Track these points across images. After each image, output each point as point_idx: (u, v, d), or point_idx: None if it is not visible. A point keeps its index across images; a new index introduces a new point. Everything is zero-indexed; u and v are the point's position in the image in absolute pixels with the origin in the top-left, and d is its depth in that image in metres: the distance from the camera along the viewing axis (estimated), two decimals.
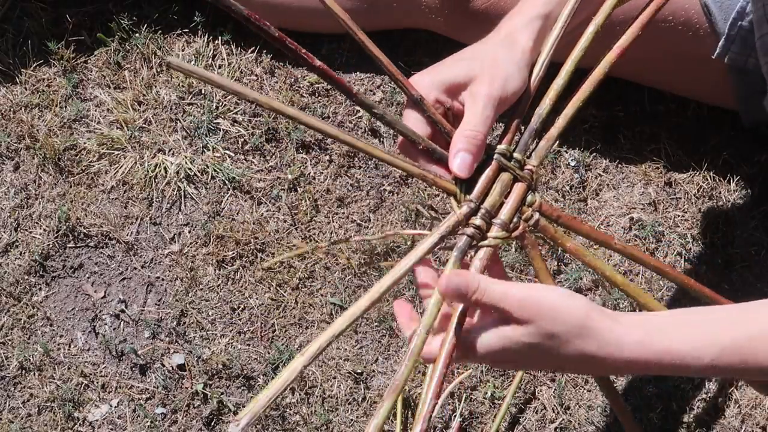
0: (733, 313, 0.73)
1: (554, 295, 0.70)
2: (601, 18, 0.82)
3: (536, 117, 0.80)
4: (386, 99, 1.30)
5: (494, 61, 0.77)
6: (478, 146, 0.75)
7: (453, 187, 0.77)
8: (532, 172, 0.79)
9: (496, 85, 0.76)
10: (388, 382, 1.21)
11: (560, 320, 0.68)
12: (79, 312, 1.23)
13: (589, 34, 0.82)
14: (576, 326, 0.69)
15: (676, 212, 1.28)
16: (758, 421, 1.22)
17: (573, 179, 1.28)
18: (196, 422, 1.19)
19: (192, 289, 1.23)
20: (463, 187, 0.77)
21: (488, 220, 0.76)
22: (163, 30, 1.31)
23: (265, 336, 1.22)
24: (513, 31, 0.80)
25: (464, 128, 0.76)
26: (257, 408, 0.69)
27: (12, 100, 1.28)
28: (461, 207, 0.76)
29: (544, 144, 0.81)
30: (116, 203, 1.26)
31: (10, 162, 1.27)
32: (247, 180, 1.26)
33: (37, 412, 1.19)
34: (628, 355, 0.69)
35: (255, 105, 1.28)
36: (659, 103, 1.32)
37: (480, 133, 0.75)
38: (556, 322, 0.68)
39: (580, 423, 1.21)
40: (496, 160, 0.78)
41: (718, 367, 0.70)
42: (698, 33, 1.16)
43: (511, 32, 0.80)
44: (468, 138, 0.75)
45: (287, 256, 1.23)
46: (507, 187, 0.78)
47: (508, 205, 0.77)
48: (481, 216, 0.76)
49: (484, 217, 0.76)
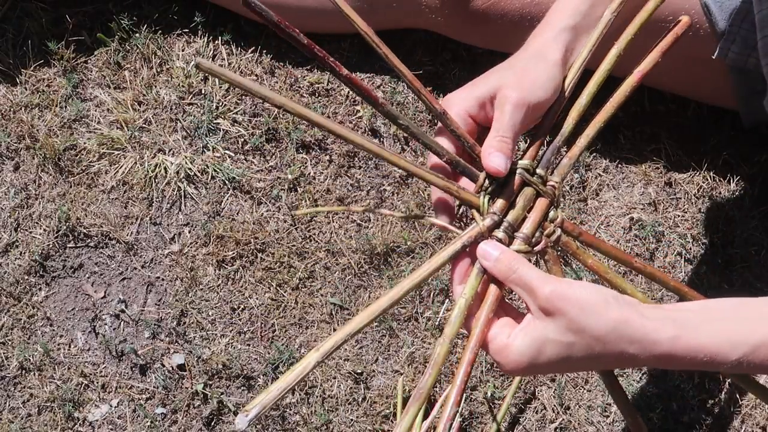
0: (764, 309, 0.73)
1: (582, 289, 0.70)
2: (623, 43, 0.84)
3: (559, 135, 0.81)
4: (386, 99, 1.30)
5: (524, 70, 0.78)
6: (509, 149, 0.76)
7: (476, 200, 0.78)
8: (554, 188, 0.80)
9: (524, 92, 0.76)
10: (388, 382, 1.21)
11: (589, 312, 0.69)
12: (79, 312, 1.23)
13: (612, 57, 0.84)
14: (607, 320, 0.69)
15: (676, 212, 1.28)
16: (758, 421, 1.22)
17: (573, 179, 1.28)
18: (196, 422, 1.19)
19: (192, 289, 1.23)
20: (487, 200, 0.78)
21: (511, 234, 0.77)
22: (163, 30, 1.31)
23: (265, 336, 1.22)
24: (542, 45, 0.81)
25: (493, 135, 0.77)
26: (268, 400, 0.69)
27: (12, 100, 1.28)
28: (484, 219, 0.77)
29: (566, 162, 0.82)
30: (116, 203, 1.26)
31: (10, 162, 1.27)
32: (247, 180, 1.26)
33: (37, 412, 1.19)
34: (660, 352, 0.69)
35: (255, 105, 1.29)
36: (659, 103, 1.32)
37: (509, 138, 0.76)
38: (585, 315, 0.69)
39: (580, 423, 1.21)
40: (519, 174, 0.79)
41: (746, 363, 0.70)
42: (698, 33, 1.16)
43: (541, 47, 0.81)
44: (498, 142, 0.76)
45: (317, 210, 1.23)
46: (530, 202, 0.79)
47: (531, 219, 0.78)
48: (504, 229, 0.77)
49: (506, 231, 0.77)
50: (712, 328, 0.70)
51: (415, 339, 1.22)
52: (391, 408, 1.20)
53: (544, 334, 0.69)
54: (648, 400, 1.22)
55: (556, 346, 0.69)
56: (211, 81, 1.29)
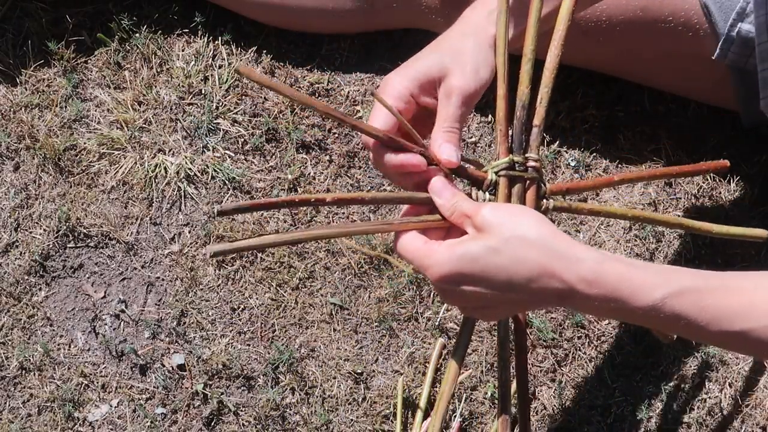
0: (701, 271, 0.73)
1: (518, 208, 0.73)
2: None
3: (520, 110, 0.81)
4: None
5: (464, 56, 0.79)
6: (457, 138, 0.78)
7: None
8: (536, 169, 0.80)
9: (468, 81, 0.78)
10: (388, 382, 1.21)
11: (522, 224, 0.70)
12: (79, 312, 1.23)
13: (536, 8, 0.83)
14: (539, 231, 0.70)
15: (676, 212, 1.28)
16: (758, 421, 1.22)
17: (573, 179, 1.28)
18: (196, 422, 1.19)
19: (192, 289, 1.23)
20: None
21: None
22: (163, 30, 1.31)
23: (265, 336, 1.22)
24: (476, 26, 0.82)
25: (441, 126, 0.78)
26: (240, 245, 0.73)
27: (12, 100, 1.28)
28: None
29: (536, 131, 0.82)
30: (116, 203, 1.26)
31: (10, 162, 1.27)
32: (247, 180, 1.26)
33: (37, 412, 1.19)
34: (585, 272, 0.69)
35: (255, 105, 1.29)
36: (659, 103, 1.32)
37: (456, 128, 0.78)
38: (517, 225, 0.70)
39: (580, 423, 1.21)
40: (504, 176, 0.79)
41: (666, 308, 0.69)
42: (698, 33, 1.16)
43: (476, 27, 0.82)
44: (447, 133, 0.77)
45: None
46: (521, 193, 0.80)
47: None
48: None
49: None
50: (641, 265, 0.71)
51: (415, 339, 1.22)
52: (391, 408, 1.20)
53: (476, 242, 0.71)
54: (648, 400, 1.22)
55: (483, 251, 0.70)
56: (211, 81, 1.29)
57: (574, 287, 0.70)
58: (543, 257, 0.70)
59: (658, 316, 0.69)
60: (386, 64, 1.31)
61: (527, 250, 0.70)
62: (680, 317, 0.69)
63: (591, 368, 1.23)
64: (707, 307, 0.70)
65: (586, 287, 0.69)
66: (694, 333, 0.71)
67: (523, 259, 0.70)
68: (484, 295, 0.71)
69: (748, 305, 0.70)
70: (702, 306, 0.70)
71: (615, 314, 0.71)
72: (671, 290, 0.69)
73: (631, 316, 0.70)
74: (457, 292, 0.73)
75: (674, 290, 0.69)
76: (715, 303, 0.70)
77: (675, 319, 0.70)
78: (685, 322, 0.69)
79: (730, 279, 0.72)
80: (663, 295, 0.69)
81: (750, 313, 0.70)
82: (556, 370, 1.23)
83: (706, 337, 0.71)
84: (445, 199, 0.76)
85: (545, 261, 0.70)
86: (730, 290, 0.71)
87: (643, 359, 1.22)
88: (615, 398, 1.22)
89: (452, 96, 0.77)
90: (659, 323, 0.71)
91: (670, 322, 0.70)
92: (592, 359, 1.23)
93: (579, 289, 0.69)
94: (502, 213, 0.72)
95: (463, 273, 0.71)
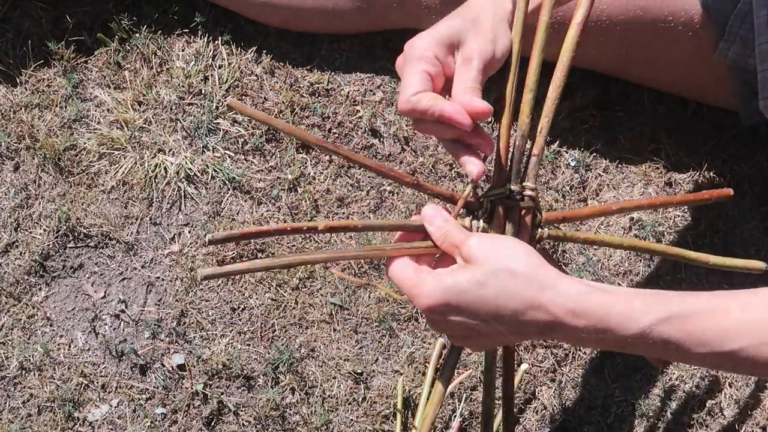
0: (688, 293, 0.73)
1: (506, 240, 0.74)
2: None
3: (520, 139, 0.81)
4: (386, 99, 1.30)
5: (482, 22, 0.79)
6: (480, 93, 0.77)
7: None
8: (533, 198, 0.81)
9: (488, 44, 0.78)
10: (388, 382, 1.21)
11: (510, 257, 0.71)
12: (79, 312, 1.23)
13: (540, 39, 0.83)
14: (527, 263, 0.71)
15: (676, 212, 1.28)
16: (758, 421, 1.22)
17: (573, 179, 1.28)
18: (196, 422, 1.19)
19: (192, 289, 1.23)
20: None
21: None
22: (163, 30, 1.31)
23: (265, 336, 1.22)
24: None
25: (463, 84, 0.77)
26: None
27: (12, 100, 1.28)
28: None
29: (534, 161, 0.83)
30: (116, 203, 1.26)
31: (10, 162, 1.27)
32: (247, 180, 1.26)
33: (37, 412, 1.19)
34: (572, 304, 0.69)
35: (255, 105, 1.28)
36: (659, 103, 1.32)
37: (479, 87, 0.77)
38: (504, 258, 0.70)
39: (580, 423, 1.21)
40: (501, 205, 0.80)
41: (655, 334, 0.69)
42: (698, 33, 1.16)
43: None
44: (471, 89, 0.77)
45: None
46: (517, 222, 0.81)
47: (524, 238, 0.81)
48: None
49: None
50: (627, 294, 0.71)
51: (415, 339, 1.22)
52: (391, 408, 1.20)
53: (463, 274, 0.71)
54: (648, 399, 1.22)
55: (470, 284, 0.70)
56: (211, 81, 1.29)
57: (561, 319, 0.70)
58: (529, 290, 0.70)
59: (646, 343, 0.70)
60: (386, 64, 1.31)
61: (513, 283, 0.70)
62: (669, 342, 0.69)
63: (591, 368, 1.23)
64: (695, 331, 0.69)
65: (572, 319, 0.69)
66: (685, 357, 0.71)
67: (509, 291, 0.70)
68: (471, 325, 0.72)
69: (735, 325, 0.70)
70: (689, 330, 0.69)
71: (604, 344, 0.71)
72: (658, 317, 0.69)
73: (620, 345, 0.70)
74: (444, 321, 0.73)
75: (661, 317, 0.69)
76: (702, 326, 0.69)
77: (664, 344, 0.70)
78: (674, 347, 0.70)
79: (718, 299, 0.72)
80: (650, 322, 0.69)
81: (738, 333, 0.69)
82: (556, 370, 1.23)
83: (698, 360, 0.71)
84: (437, 227, 0.77)
85: (531, 294, 0.70)
86: (716, 312, 0.70)
87: (643, 359, 1.22)
88: (615, 398, 1.22)
89: (472, 60, 0.78)
90: (649, 350, 0.71)
91: (659, 348, 0.70)
92: (592, 359, 1.23)
93: (566, 321, 0.70)
94: (489, 245, 0.73)
95: (450, 304, 0.72)
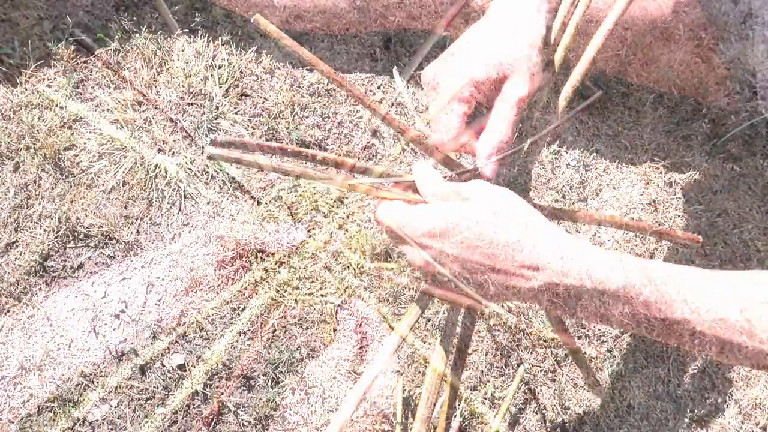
0: (666, 264, 0.73)
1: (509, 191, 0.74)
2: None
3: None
4: (386, 99, 1.30)
5: (519, 60, 0.78)
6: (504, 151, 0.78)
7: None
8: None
9: (526, 85, 0.78)
10: (388, 382, 1.21)
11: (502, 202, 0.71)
12: (79, 312, 1.23)
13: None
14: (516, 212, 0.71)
15: (676, 212, 1.28)
16: (758, 421, 1.22)
17: (573, 179, 1.28)
18: (196, 422, 1.19)
19: (192, 289, 1.23)
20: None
21: None
22: (163, 30, 1.31)
23: (265, 336, 1.22)
24: (529, 20, 0.80)
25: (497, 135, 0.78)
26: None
27: (12, 100, 1.28)
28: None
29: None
30: (116, 203, 1.26)
31: (10, 162, 1.27)
32: (247, 180, 1.26)
33: (37, 412, 1.19)
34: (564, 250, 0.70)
35: (255, 105, 1.29)
36: (659, 103, 1.32)
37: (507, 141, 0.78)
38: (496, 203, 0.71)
39: (580, 423, 1.21)
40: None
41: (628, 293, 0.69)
42: (698, 33, 1.16)
43: (529, 20, 0.80)
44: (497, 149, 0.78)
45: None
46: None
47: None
48: None
49: None
50: (610, 253, 0.71)
51: (415, 339, 1.22)
52: (391, 408, 1.20)
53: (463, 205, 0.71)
54: (648, 399, 1.22)
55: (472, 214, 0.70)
56: (211, 81, 1.29)
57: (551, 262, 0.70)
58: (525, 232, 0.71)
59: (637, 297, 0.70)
60: (386, 64, 1.31)
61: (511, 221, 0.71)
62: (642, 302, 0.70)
63: (591, 368, 1.23)
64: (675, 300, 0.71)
65: (562, 264, 0.69)
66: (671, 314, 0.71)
67: (508, 230, 0.70)
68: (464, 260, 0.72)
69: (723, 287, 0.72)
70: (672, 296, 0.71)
71: (590, 302, 0.70)
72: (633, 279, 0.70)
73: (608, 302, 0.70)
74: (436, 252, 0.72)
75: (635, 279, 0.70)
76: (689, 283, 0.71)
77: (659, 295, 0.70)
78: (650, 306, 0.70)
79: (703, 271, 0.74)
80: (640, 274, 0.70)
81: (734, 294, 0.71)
82: (556, 370, 1.23)
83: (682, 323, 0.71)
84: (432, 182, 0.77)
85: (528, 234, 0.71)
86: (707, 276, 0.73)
87: (643, 359, 1.22)
88: (614, 398, 1.22)
89: (510, 101, 0.78)
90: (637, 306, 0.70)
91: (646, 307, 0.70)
92: (592, 359, 1.23)
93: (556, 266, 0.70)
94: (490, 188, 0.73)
95: (448, 231, 0.71)
